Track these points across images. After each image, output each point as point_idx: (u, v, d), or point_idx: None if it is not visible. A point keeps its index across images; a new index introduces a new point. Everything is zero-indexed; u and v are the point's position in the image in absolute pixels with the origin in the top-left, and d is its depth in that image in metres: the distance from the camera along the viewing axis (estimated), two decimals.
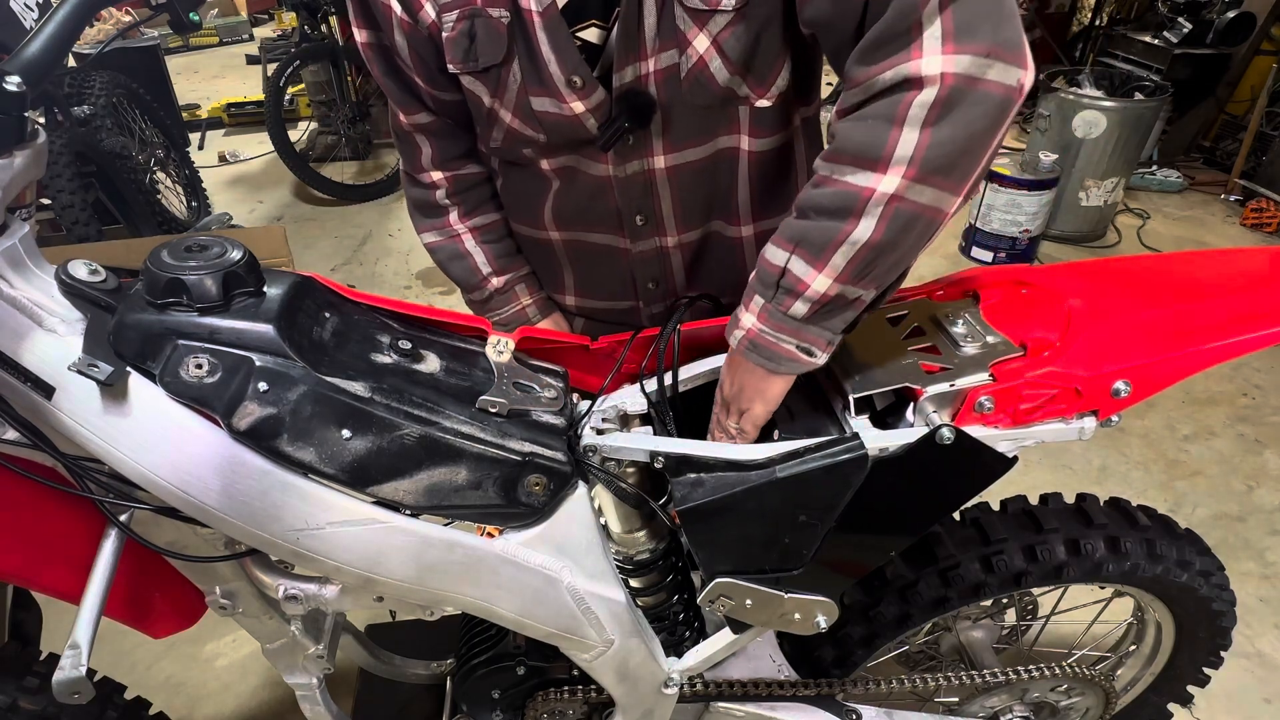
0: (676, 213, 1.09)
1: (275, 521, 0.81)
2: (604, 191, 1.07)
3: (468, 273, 1.21)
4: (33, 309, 0.73)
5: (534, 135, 1.02)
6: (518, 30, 0.93)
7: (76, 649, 0.79)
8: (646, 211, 1.09)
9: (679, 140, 1.02)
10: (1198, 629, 1.29)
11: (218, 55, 7.33)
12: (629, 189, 1.06)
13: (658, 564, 1.08)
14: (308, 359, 0.79)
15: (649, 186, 1.06)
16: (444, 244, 1.21)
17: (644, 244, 1.12)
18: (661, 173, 1.05)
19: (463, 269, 1.22)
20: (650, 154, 1.03)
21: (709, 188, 1.08)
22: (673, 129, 1.01)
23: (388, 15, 0.98)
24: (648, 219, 1.09)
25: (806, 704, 1.21)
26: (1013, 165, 3.49)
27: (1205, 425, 2.68)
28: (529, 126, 1.01)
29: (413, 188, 1.21)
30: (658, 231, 1.11)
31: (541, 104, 0.98)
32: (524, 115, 1.00)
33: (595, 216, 1.11)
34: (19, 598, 1.19)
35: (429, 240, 1.23)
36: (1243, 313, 0.93)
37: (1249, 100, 4.42)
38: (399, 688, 1.49)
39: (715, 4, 0.90)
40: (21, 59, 0.74)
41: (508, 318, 1.23)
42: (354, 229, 4.08)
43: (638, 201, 1.07)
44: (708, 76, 0.95)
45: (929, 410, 0.91)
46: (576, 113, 0.97)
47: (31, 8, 2.46)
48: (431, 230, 1.22)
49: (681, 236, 1.12)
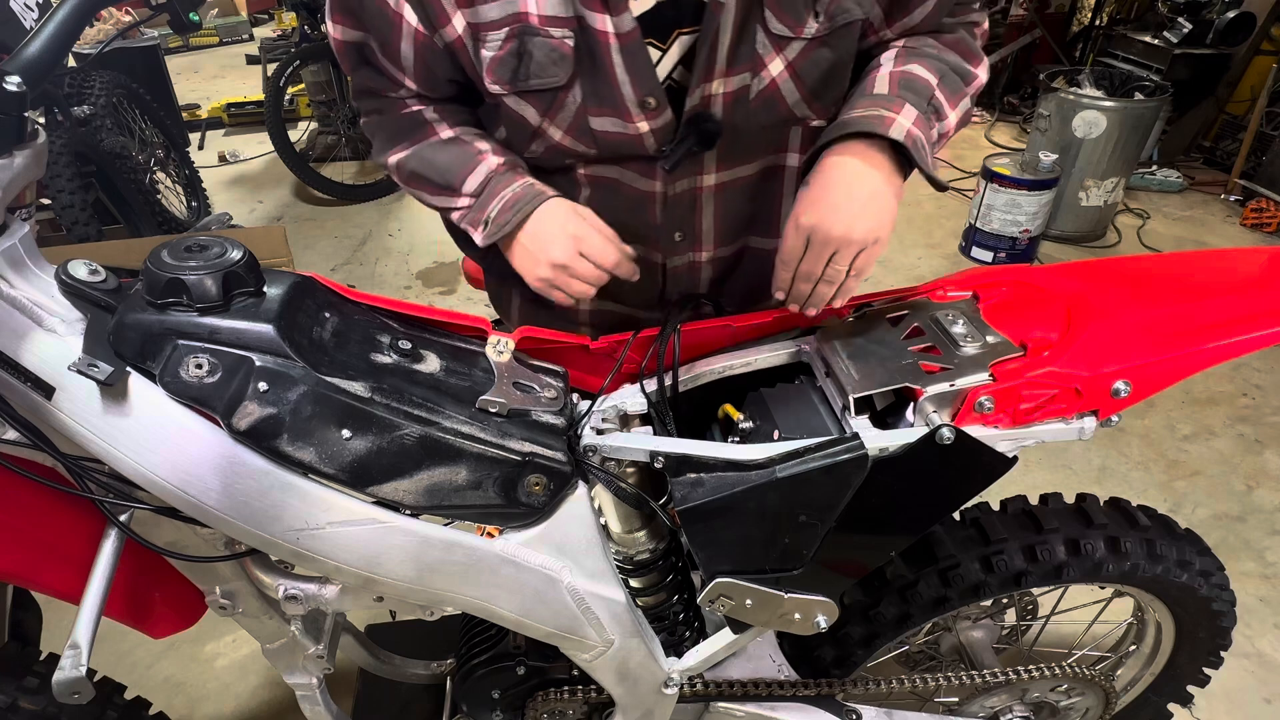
0: (716, 229, 1.08)
1: (275, 521, 0.81)
2: (645, 206, 1.04)
3: (458, 156, 1.01)
4: (33, 309, 0.73)
5: (585, 151, 0.98)
6: (585, 51, 0.89)
7: (76, 649, 0.79)
8: (686, 228, 1.07)
9: (732, 159, 1.02)
10: (1198, 629, 1.29)
11: (218, 55, 7.32)
12: (674, 206, 1.04)
13: (658, 564, 1.08)
14: (308, 359, 0.79)
15: (694, 204, 1.05)
16: (425, 145, 1.03)
17: (678, 259, 1.10)
18: (708, 190, 1.04)
19: (450, 155, 1.01)
20: (700, 172, 1.02)
21: (752, 205, 1.07)
22: (729, 149, 1.00)
23: (395, 22, 0.92)
24: (686, 235, 1.08)
25: (806, 704, 1.21)
26: (1013, 165, 3.49)
27: (1205, 425, 2.68)
28: (581, 143, 0.97)
29: (387, 121, 1.06)
30: (693, 247, 1.10)
31: (603, 123, 0.94)
32: (578, 133, 0.96)
33: (631, 230, 1.06)
34: (19, 598, 1.19)
35: (405, 152, 1.04)
36: (1243, 313, 0.93)
37: (1249, 100, 4.42)
38: (399, 688, 1.49)
39: (799, 31, 0.90)
40: (21, 59, 0.74)
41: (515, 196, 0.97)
42: (354, 229, 4.08)
43: (680, 218, 1.06)
44: (778, 99, 0.95)
45: (929, 410, 0.91)
46: (641, 132, 0.95)
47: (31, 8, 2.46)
48: (411, 144, 1.04)
49: (717, 251, 1.11)
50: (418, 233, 3.98)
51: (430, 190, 1.04)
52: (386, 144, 1.07)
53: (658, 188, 1.02)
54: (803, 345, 1.04)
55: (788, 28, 0.90)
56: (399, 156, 1.05)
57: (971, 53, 1.02)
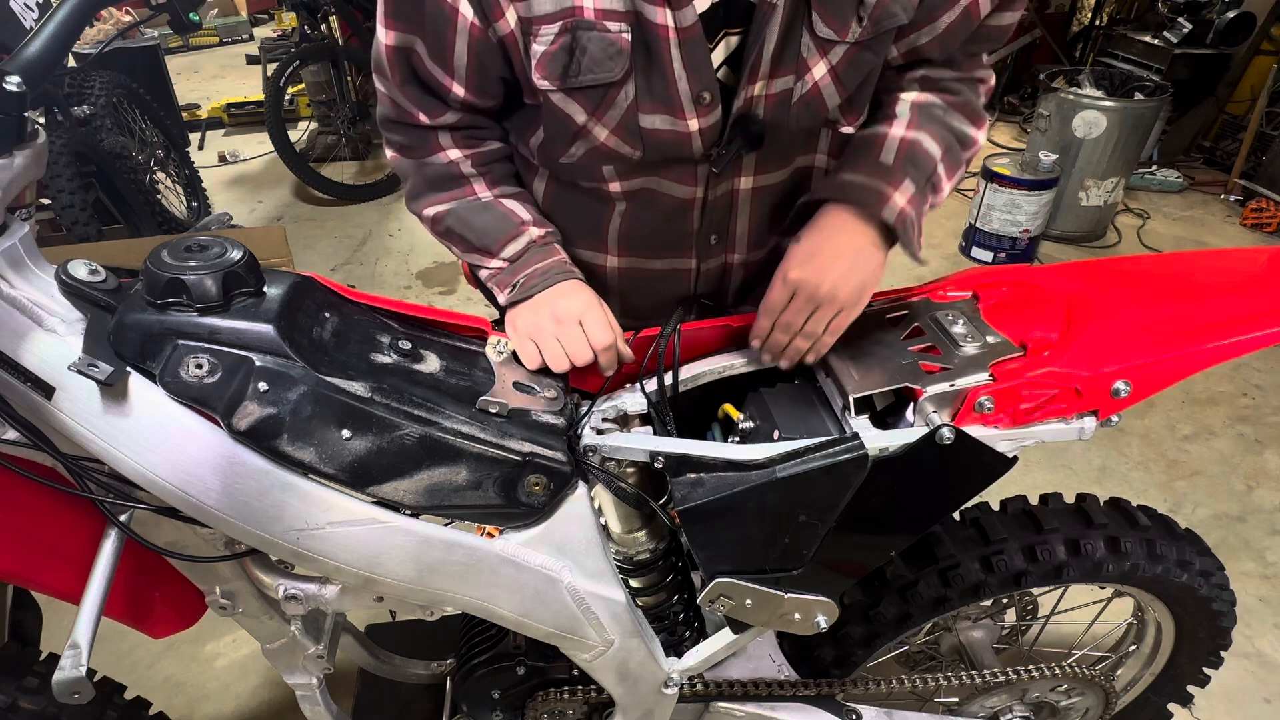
0: (750, 232, 1.09)
1: (275, 521, 0.81)
2: (684, 213, 1.05)
3: (498, 221, 1.03)
4: (33, 309, 0.73)
5: (629, 153, 0.97)
6: (641, 46, 0.89)
7: (76, 649, 0.79)
8: (722, 231, 1.08)
9: (768, 162, 1.03)
10: (1198, 629, 1.29)
11: (218, 55, 7.32)
12: (712, 211, 1.05)
13: (658, 564, 1.08)
14: (308, 359, 0.79)
15: (731, 208, 1.06)
16: (463, 204, 1.05)
17: (711, 262, 1.11)
18: (745, 193, 1.04)
19: (491, 219, 1.03)
20: (739, 174, 1.03)
21: (783, 208, 1.08)
22: (767, 152, 1.01)
23: (451, 17, 0.89)
24: (721, 238, 1.09)
25: (806, 704, 1.21)
26: (1013, 165, 3.49)
27: (1205, 425, 2.68)
28: (627, 143, 0.96)
29: (423, 167, 1.05)
30: (727, 250, 1.10)
31: (653, 121, 0.94)
32: (626, 132, 0.95)
33: (666, 240, 1.08)
34: (19, 598, 1.19)
35: (441, 208, 1.05)
36: (1243, 313, 0.93)
37: (1249, 100, 4.42)
38: (399, 688, 1.49)
39: (844, 35, 0.90)
40: (21, 59, 0.74)
41: (546, 267, 1.02)
42: (354, 229, 4.08)
43: (717, 222, 1.06)
44: (819, 103, 0.96)
45: (929, 410, 0.91)
46: (690, 130, 0.94)
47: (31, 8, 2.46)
48: (447, 200, 1.05)
49: (749, 255, 1.12)
50: (418, 233, 3.97)
51: (463, 248, 1.07)
52: (420, 192, 1.07)
53: (698, 194, 1.03)
54: None
55: (833, 31, 0.90)
56: (435, 210, 1.06)
57: (975, 116, 1.05)
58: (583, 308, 0.98)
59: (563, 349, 0.96)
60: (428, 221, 1.09)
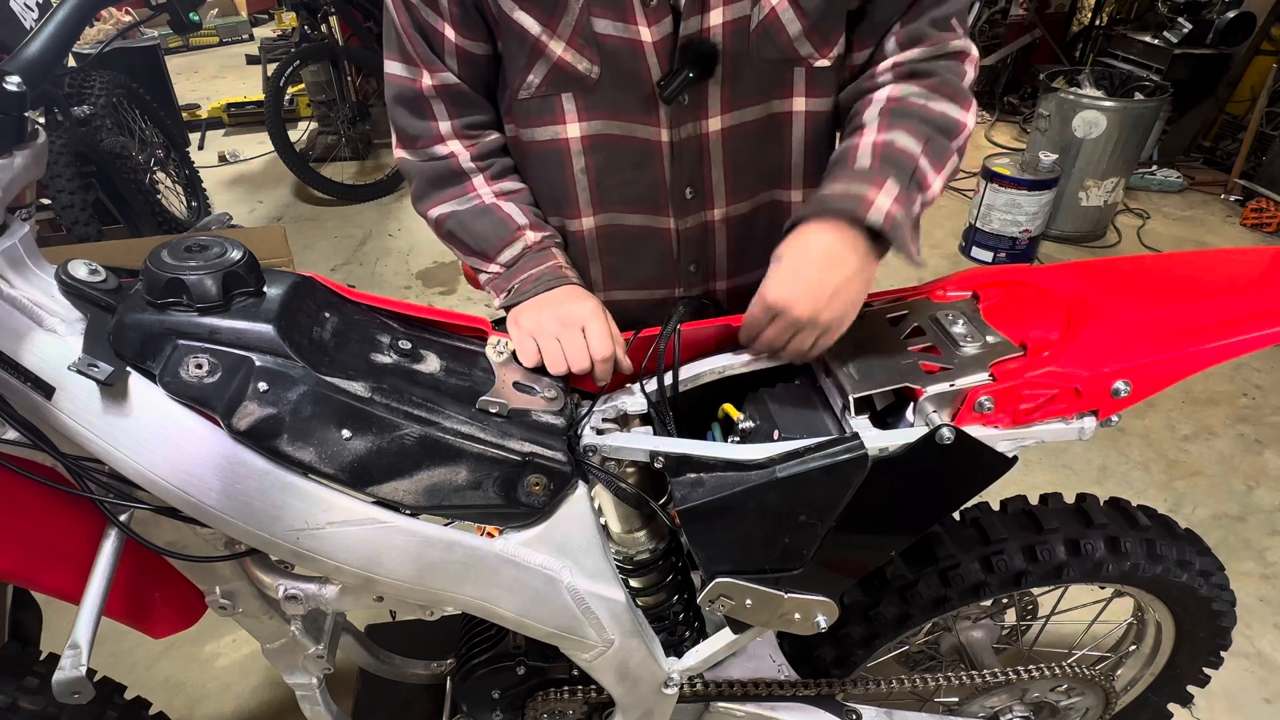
0: (728, 181, 1.06)
1: (275, 521, 0.81)
2: (651, 160, 1.03)
3: (495, 227, 1.04)
4: (33, 309, 0.73)
5: (586, 70, 0.95)
6: None
7: (76, 649, 0.79)
8: (696, 182, 1.05)
9: (737, 100, 1.00)
10: (1198, 629, 1.29)
11: (218, 55, 7.32)
12: (680, 157, 1.02)
13: (658, 564, 1.08)
14: (308, 359, 0.79)
15: (701, 154, 1.03)
16: (464, 207, 1.06)
17: (690, 220, 1.08)
18: (715, 136, 1.02)
19: (489, 224, 1.04)
20: (705, 115, 1.00)
21: (761, 153, 1.06)
22: (732, 86, 0.99)
23: None
24: (697, 191, 1.06)
25: (806, 704, 1.21)
26: (1013, 165, 3.49)
27: (1205, 425, 2.68)
28: (584, 56, 0.94)
29: (424, 161, 1.07)
30: (706, 204, 1.08)
31: (605, 26, 0.92)
32: (582, 40, 0.93)
33: (637, 192, 1.05)
34: (19, 598, 1.19)
35: (443, 210, 1.07)
36: (1243, 313, 0.93)
37: (1249, 100, 4.42)
38: (399, 688, 1.49)
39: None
40: (21, 59, 0.74)
41: (540, 272, 1.03)
42: (354, 229, 4.08)
43: (689, 171, 1.04)
44: (778, 29, 0.94)
45: (929, 410, 0.91)
46: (643, 40, 0.93)
47: (31, 8, 2.46)
48: (449, 200, 1.06)
49: (730, 208, 1.09)
50: (418, 233, 3.98)
51: (464, 251, 1.09)
52: (424, 192, 1.08)
53: (663, 136, 1.01)
54: None
55: None
56: (437, 213, 1.08)
57: (958, 94, 0.98)
58: (587, 315, 0.97)
59: (562, 351, 0.95)
60: (432, 224, 1.10)
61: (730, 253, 1.14)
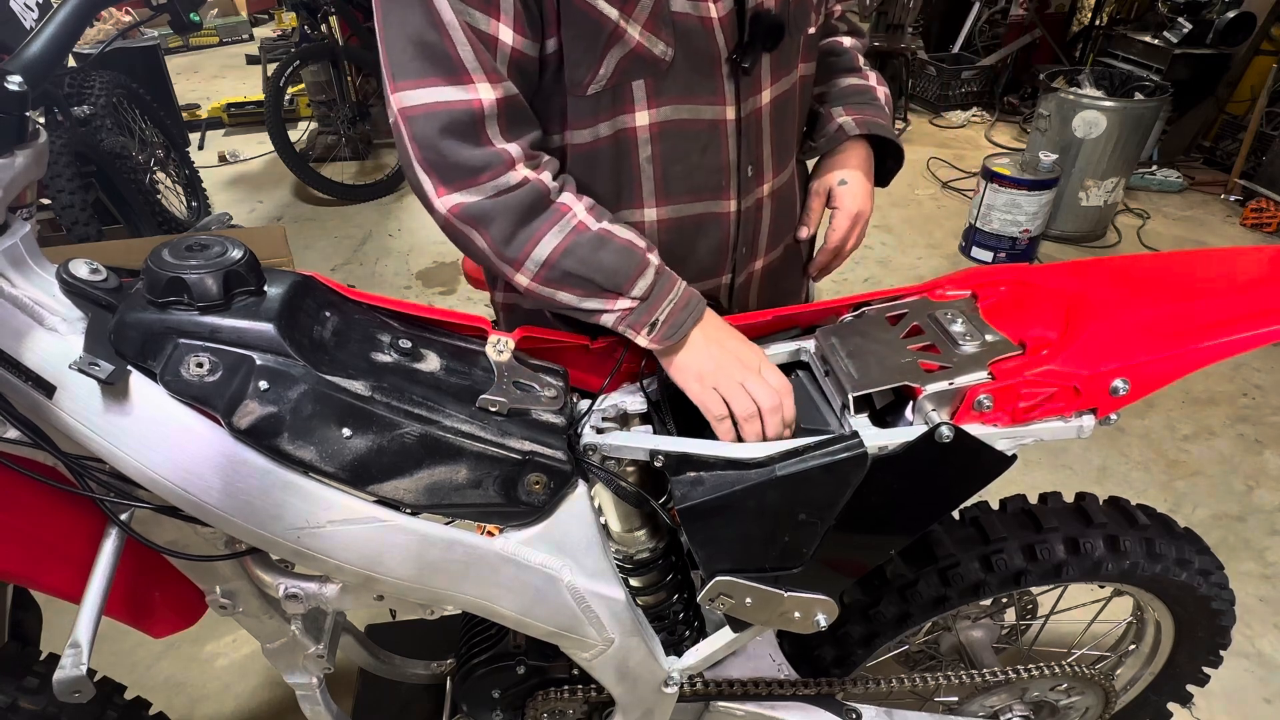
0: (774, 154, 1.10)
1: (276, 520, 0.81)
2: (717, 141, 1.01)
3: (622, 256, 0.92)
4: (34, 308, 0.73)
5: (663, 53, 0.91)
6: None
7: (77, 648, 0.80)
8: (755, 158, 1.06)
9: (780, 70, 1.05)
10: (1197, 628, 1.29)
11: (218, 55, 7.32)
12: (746, 133, 1.03)
13: (658, 563, 1.08)
14: (308, 358, 0.79)
15: (759, 128, 1.05)
16: (574, 237, 0.90)
17: (749, 199, 1.08)
18: (767, 108, 1.05)
19: (614, 254, 0.91)
20: (759, 89, 1.03)
21: (791, 122, 1.12)
22: (779, 58, 1.04)
23: None
24: (756, 167, 1.07)
25: (806, 703, 1.21)
26: (1013, 165, 3.49)
27: (1205, 425, 2.68)
28: (660, 38, 0.90)
29: (498, 196, 0.88)
30: (759, 180, 1.09)
31: (681, 4, 0.91)
32: (658, 23, 0.90)
33: (703, 178, 1.02)
34: (19, 598, 1.19)
35: (552, 245, 0.90)
36: (1242, 311, 0.93)
37: (1249, 100, 4.42)
38: (399, 688, 1.49)
39: None
40: (22, 59, 0.74)
41: (683, 300, 0.95)
42: (354, 229, 4.08)
43: (751, 148, 1.05)
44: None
45: (928, 409, 0.91)
46: (711, 16, 0.94)
47: (31, 8, 2.46)
48: (549, 231, 0.90)
49: (774, 181, 1.12)
50: (418, 233, 3.98)
51: (584, 293, 0.93)
52: (513, 233, 0.90)
53: (729, 114, 1.01)
54: (802, 344, 1.05)
55: None
56: (547, 251, 0.90)
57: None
58: (759, 356, 0.96)
59: (752, 400, 0.91)
60: (543, 268, 0.91)
61: (770, 230, 1.15)
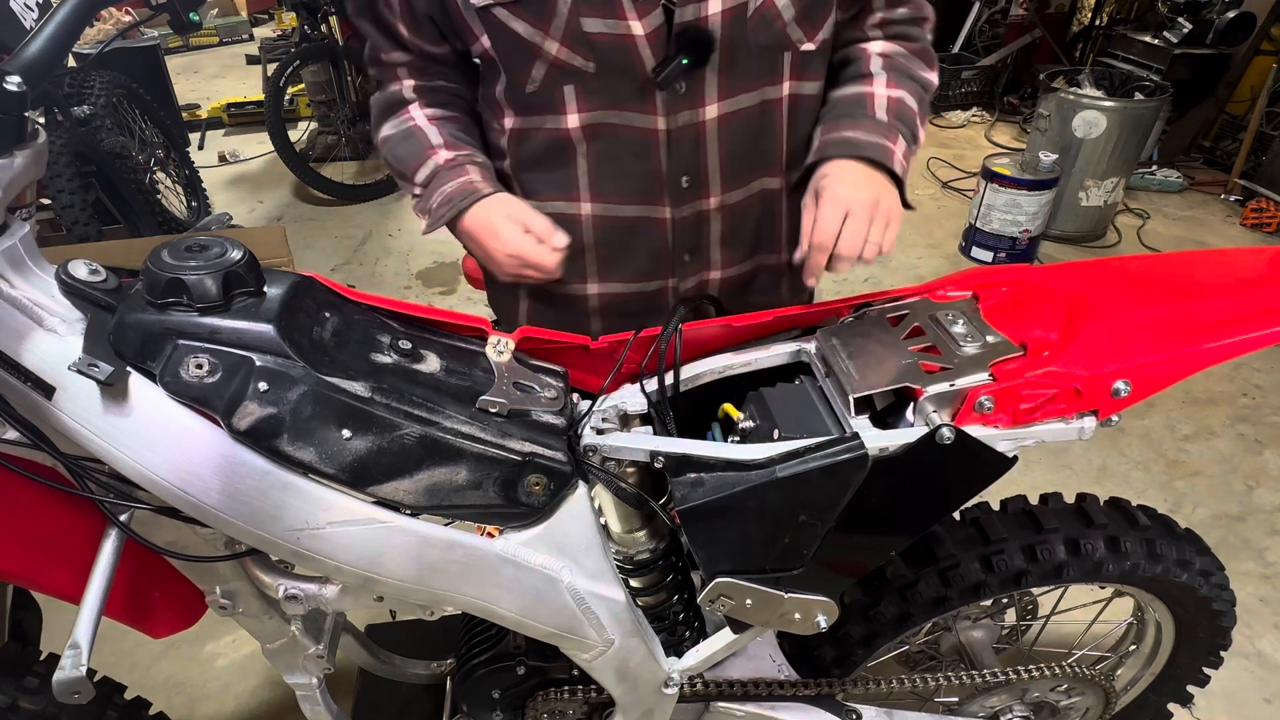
0: (723, 170, 1.07)
1: (275, 521, 0.81)
2: (648, 150, 1.04)
3: (414, 149, 1.10)
4: (33, 309, 0.73)
5: (583, 65, 0.98)
6: None
7: (77, 649, 0.79)
8: (693, 171, 1.06)
9: (733, 87, 1.02)
10: (1197, 629, 1.29)
11: (218, 55, 7.32)
12: (678, 145, 1.04)
13: (658, 564, 1.08)
14: (308, 359, 0.79)
15: (698, 142, 1.04)
16: (396, 131, 1.12)
17: (686, 209, 1.09)
18: (711, 124, 1.03)
19: (409, 147, 1.11)
20: (702, 103, 1.02)
21: (755, 140, 1.08)
22: (729, 74, 1.00)
23: None
24: (693, 180, 1.07)
25: (806, 704, 1.21)
26: (1013, 165, 3.49)
27: (1205, 425, 2.68)
28: (578, 54, 0.97)
29: (381, 98, 1.15)
30: (701, 194, 1.09)
31: (594, 25, 0.94)
32: (573, 40, 0.96)
33: (634, 183, 1.07)
34: (19, 598, 1.19)
35: (384, 134, 1.14)
36: (1243, 313, 0.93)
37: (1249, 100, 4.42)
38: (399, 688, 1.49)
39: None
40: (22, 59, 0.74)
41: (452, 191, 1.06)
42: (354, 229, 4.08)
43: (686, 160, 1.05)
44: (774, 15, 0.97)
45: (929, 410, 0.91)
46: (634, 34, 0.94)
47: (31, 8, 2.46)
48: (389, 126, 1.14)
49: (725, 197, 1.10)
50: (418, 233, 3.94)
51: (397, 176, 1.15)
52: (375, 121, 1.16)
53: (660, 124, 1.02)
54: (803, 345, 1.04)
55: None
56: (379, 137, 1.15)
57: (931, 60, 1.13)
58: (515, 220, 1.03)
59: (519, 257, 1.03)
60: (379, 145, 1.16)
61: (724, 242, 1.15)
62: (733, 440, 0.98)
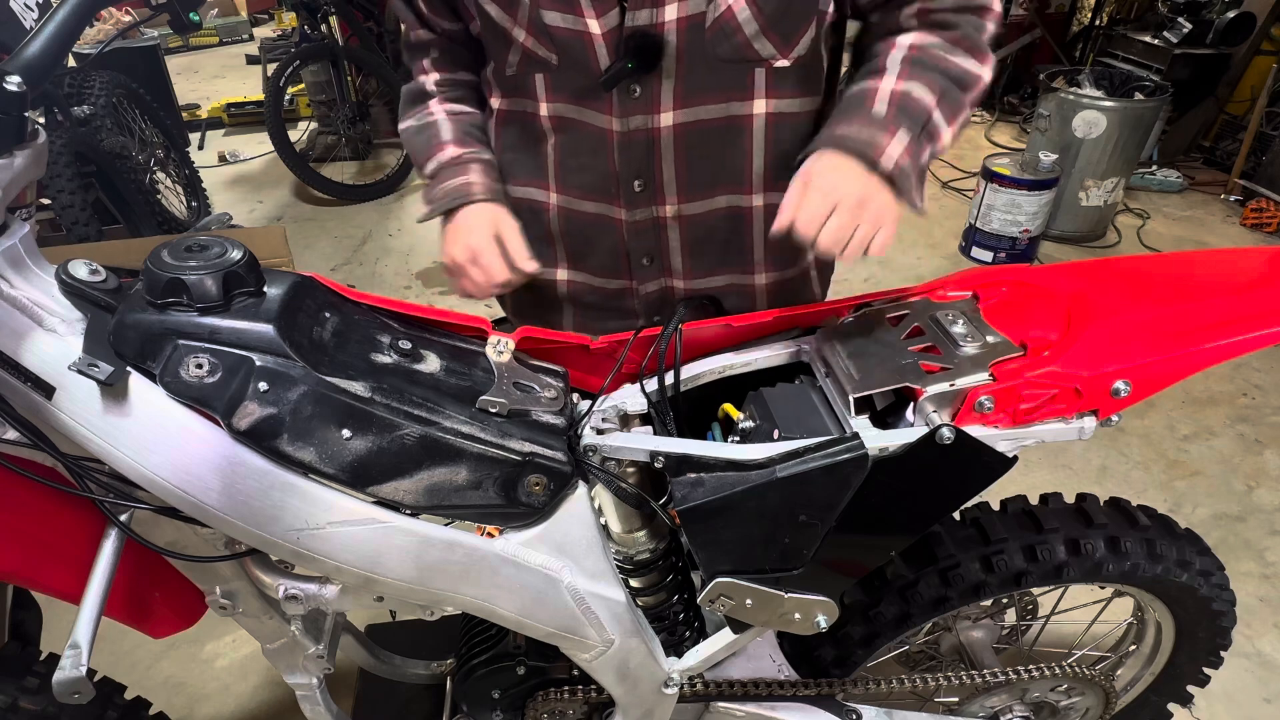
0: (680, 179, 1.06)
1: (275, 521, 0.81)
2: (603, 148, 1.04)
3: (426, 141, 1.15)
4: (33, 309, 0.73)
5: (547, 56, 1.00)
6: None
7: (77, 649, 0.79)
8: (645, 176, 1.06)
9: (690, 96, 1.00)
10: (1197, 629, 1.29)
11: (218, 55, 7.32)
12: (629, 148, 1.03)
13: (658, 564, 1.08)
14: (308, 359, 0.79)
15: (651, 147, 1.03)
16: (416, 123, 1.18)
17: (639, 213, 1.09)
18: (667, 132, 1.02)
19: (423, 138, 1.16)
20: (656, 109, 1.00)
21: (719, 154, 1.04)
22: (685, 83, 0.98)
23: None
24: (646, 185, 1.06)
25: (806, 704, 1.21)
26: (1013, 165, 3.49)
27: (1205, 425, 2.68)
28: (542, 44, 0.99)
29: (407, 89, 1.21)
30: (655, 199, 1.07)
31: (554, 18, 0.96)
32: (537, 30, 0.98)
33: (592, 179, 1.08)
34: (19, 598, 1.19)
35: (405, 124, 1.20)
36: (1243, 313, 0.93)
37: (1249, 100, 4.42)
38: (399, 688, 1.49)
39: None
40: (22, 59, 0.74)
41: (451, 189, 1.10)
42: (354, 229, 4.08)
43: (637, 164, 1.05)
44: (734, 27, 0.95)
45: (929, 410, 0.91)
46: (590, 32, 0.95)
47: (31, 8, 2.46)
48: (410, 116, 1.19)
49: (682, 207, 1.08)
50: (418, 233, 3.98)
51: (415, 165, 1.19)
52: (401, 112, 1.21)
53: (614, 125, 1.02)
54: (803, 345, 1.05)
55: None
56: (401, 127, 1.21)
57: (978, 50, 0.98)
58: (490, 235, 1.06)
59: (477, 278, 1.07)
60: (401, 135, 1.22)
61: (686, 252, 1.13)
62: (733, 440, 0.98)
